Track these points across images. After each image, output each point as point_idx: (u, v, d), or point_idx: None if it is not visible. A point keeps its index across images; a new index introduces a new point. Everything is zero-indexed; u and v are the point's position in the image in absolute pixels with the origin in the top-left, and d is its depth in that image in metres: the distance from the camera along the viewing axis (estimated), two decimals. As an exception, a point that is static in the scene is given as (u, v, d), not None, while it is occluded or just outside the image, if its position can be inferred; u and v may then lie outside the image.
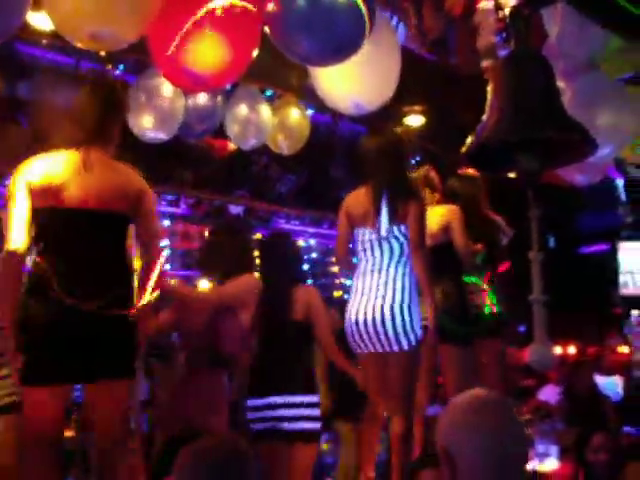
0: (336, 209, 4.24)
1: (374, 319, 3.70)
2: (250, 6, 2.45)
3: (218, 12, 2.36)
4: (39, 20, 3.03)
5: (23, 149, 5.92)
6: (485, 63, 3.84)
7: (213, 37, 2.43)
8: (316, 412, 3.89)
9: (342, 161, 7.15)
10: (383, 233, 3.77)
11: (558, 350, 9.57)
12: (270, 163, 7.06)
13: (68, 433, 4.22)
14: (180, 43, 2.39)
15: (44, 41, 4.34)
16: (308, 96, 4.77)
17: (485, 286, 4.59)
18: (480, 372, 4.54)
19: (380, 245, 3.80)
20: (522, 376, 7.22)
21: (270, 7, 2.50)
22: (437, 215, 4.35)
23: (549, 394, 7.05)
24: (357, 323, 3.77)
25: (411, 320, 3.71)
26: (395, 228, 3.78)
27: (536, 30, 3.37)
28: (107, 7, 2.36)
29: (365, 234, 3.85)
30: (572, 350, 9.83)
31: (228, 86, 4.28)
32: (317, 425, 3.89)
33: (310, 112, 5.25)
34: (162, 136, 4.36)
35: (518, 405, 5.72)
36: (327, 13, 2.45)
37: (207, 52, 2.48)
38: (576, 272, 9.52)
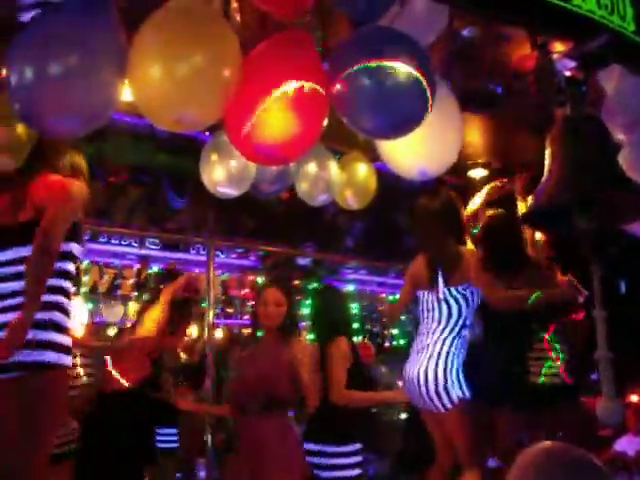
0: (402, 259, 4.38)
1: (419, 379, 3.87)
2: (319, 88, 2.62)
3: (290, 94, 2.54)
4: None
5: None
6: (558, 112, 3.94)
7: (284, 116, 2.60)
8: (349, 460, 4.11)
9: (407, 210, 7.25)
10: (440, 296, 3.91)
11: (634, 398, 9.29)
12: (337, 214, 7.22)
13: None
14: (253, 123, 2.58)
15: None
16: (375, 152, 4.91)
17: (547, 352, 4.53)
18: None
19: (439, 307, 3.94)
20: (598, 425, 7.03)
21: (336, 88, 2.67)
22: None
23: (627, 445, 6.82)
24: (409, 381, 3.96)
25: (445, 383, 3.80)
26: (451, 290, 3.92)
27: (593, 85, 3.46)
28: (190, 94, 2.56)
29: (426, 296, 4.01)
30: (651, 397, 9.51)
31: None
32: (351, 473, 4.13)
33: (377, 163, 5.36)
34: (233, 192, 4.51)
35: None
36: (391, 93, 2.61)
37: (279, 131, 2.65)
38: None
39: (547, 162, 2.94)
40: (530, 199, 3.33)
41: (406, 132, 2.80)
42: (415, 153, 3.17)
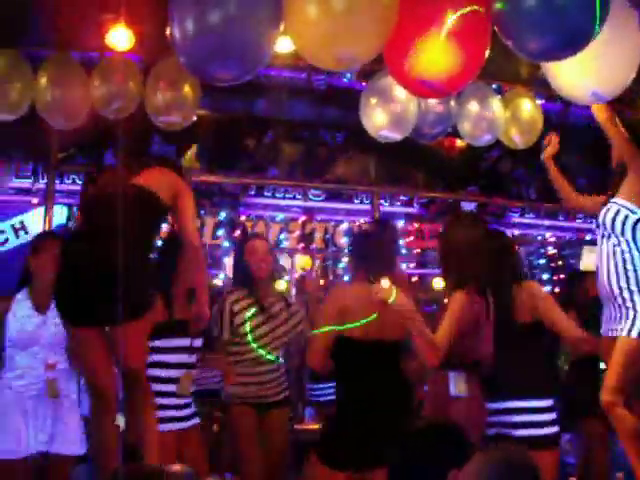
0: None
1: None
2: (479, 8, 2.49)
3: (451, 23, 2.45)
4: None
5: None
6: None
7: (447, 46, 2.51)
8: (547, 417, 3.70)
9: (575, 149, 6.90)
10: None
11: None
12: (500, 157, 6.99)
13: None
14: (415, 56, 2.51)
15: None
16: (538, 86, 4.67)
17: None
18: None
19: None
20: None
21: (498, 6, 2.53)
22: None
23: None
24: None
25: None
26: None
27: None
28: (350, 31, 2.53)
29: None
30: None
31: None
32: (549, 430, 3.70)
33: (540, 102, 5.12)
34: (396, 136, 4.46)
35: None
36: (558, 7, 2.44)
37: (442, 61, 2.57)
38: None
39: None
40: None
41: (576, 50, 2.60)
42: (586, 74, 2.96)
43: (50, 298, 3.89)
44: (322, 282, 7.18)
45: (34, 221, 6.38)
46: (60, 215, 6.43)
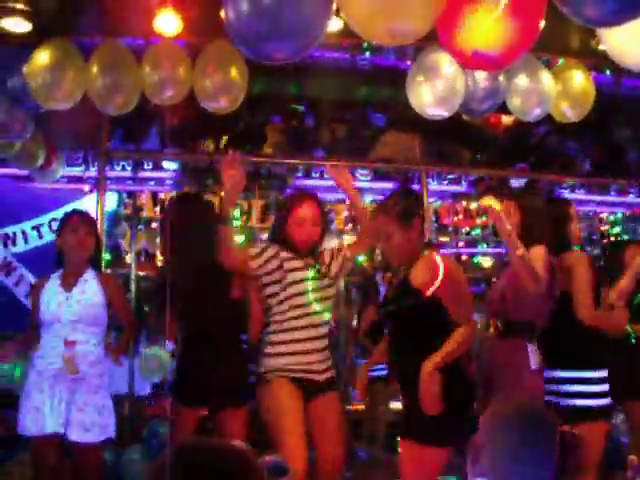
0: (623, 173, 4.05)
1: None
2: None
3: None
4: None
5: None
6: None
7: (501, 15, 2.48)
8: (589, 389, 3.70)
9: (627, 122, 6.77)
10: None
11: None
12: (549, 133, 6.89)
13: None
14: (468, 26, 2.48)
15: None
16: (588, 57, 4.58)
17: None
18: None
19: None
20: None
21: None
22: None
23: None
24: None
25: None
26: None
27: None
28: (403, 4, 2.51)
29: None
30: None
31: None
32: (591, 402, 3.69)
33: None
34: (443, 113, 4.42)
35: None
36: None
37: (496, 31, 2.53)
38: None
39: None
40: None
41: (636, 15, 2.54)
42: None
43: (77, 276, 4.05)
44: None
45: (86, 208, 6.49)
46: (111, 201, 6.54)
